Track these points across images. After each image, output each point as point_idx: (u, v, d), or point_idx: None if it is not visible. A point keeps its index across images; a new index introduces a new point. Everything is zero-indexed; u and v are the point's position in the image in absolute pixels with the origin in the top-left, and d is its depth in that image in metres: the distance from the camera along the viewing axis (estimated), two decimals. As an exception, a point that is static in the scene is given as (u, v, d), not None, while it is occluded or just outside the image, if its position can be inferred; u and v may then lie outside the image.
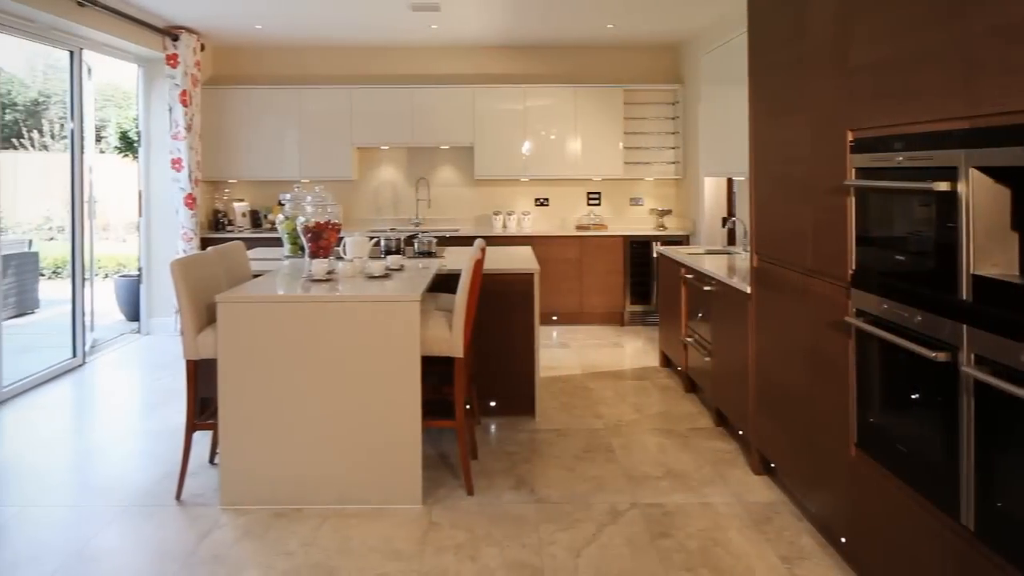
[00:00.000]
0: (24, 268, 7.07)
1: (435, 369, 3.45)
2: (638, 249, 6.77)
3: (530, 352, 4.18)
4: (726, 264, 4.39)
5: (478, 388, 4.09)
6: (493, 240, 6.07)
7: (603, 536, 2.85)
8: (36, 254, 7.42)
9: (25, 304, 7.12)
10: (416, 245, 4.82)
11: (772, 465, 3.35)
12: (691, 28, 6.42)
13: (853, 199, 2.46)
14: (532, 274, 4.19)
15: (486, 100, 7.03)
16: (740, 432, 3.71)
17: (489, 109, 7.02)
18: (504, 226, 7.08)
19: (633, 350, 5.91)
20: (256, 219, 7.06)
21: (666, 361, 5.33)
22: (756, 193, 3.46)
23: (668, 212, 7.09)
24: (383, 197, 7.34)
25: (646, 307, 6.79)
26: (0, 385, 4.54)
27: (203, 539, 2.82)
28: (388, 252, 4.71)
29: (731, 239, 5.66)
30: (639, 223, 7.26)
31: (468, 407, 3.63)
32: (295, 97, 7.01)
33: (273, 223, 6.97)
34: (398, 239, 4.92)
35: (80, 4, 4.93)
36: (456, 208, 7.33)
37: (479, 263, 3.44)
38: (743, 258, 4.59)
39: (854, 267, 2.45)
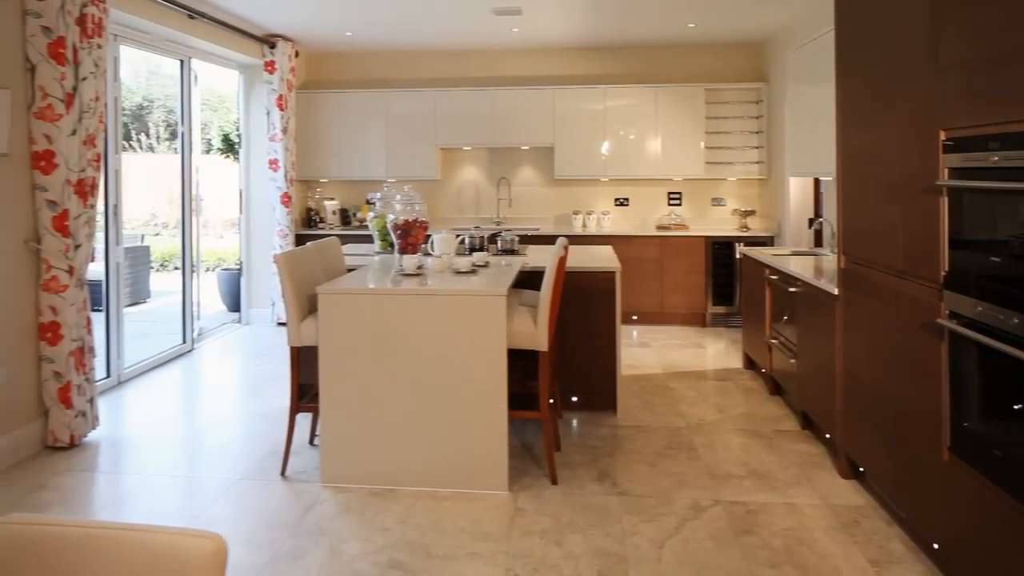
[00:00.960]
0: (138, 261, 7.66)
1: (520, 363, 3.57)
2: (720, 250, 6.70)
3: (611, 349, 4.24)
4: (812, 265, 4.32)
5: (560, 383, 4.18)
6: (573, 239, 6.13)
7: (686, 530, 2.90)
8: (147, 248, 8.02)
9: (139, 294, 7.73)
10: (499, 243, 4.94)
11: (861, 469, 3.30)
12: (776, 25, 6.31)
13: (946, 199, 2.42)
14: (614, 272, 4.25)
15: (566, 101, 7.11)
16: (827, 435, 3.66)
17: (569, 110, 7.10)
18: (584, 225, 7.14)
19: (715, 351, 5.87)
20: (345, 217, 7.38)
21: (749, 363, 5.28)
22: (843, 193, 3.41)
23: (752, 213, 6.99)
24: (465, 196, 7.54)
25: (729, 309, 6.72)
26: (121, 367, 4.97)
27: (307, 512, 3.04)
28: (472, 249, 4.86)
29: (818, 240, 5.55)
30: (721, 224, 7.19)
31: (551, 401, 3.73)
32: (382, 100, 7.29)
33: (361, 221, 7.29)
34: (481, 237, 5.06)
35: (191, 17, 5.31)
36: (536, 208, 7.45)
37: (563, 260, 3.53)
38: (830, 259, 4.50)
39: (947, 268, 2.41)
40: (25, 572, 0.93)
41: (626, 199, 7.35)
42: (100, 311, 4.76)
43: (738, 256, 6.02)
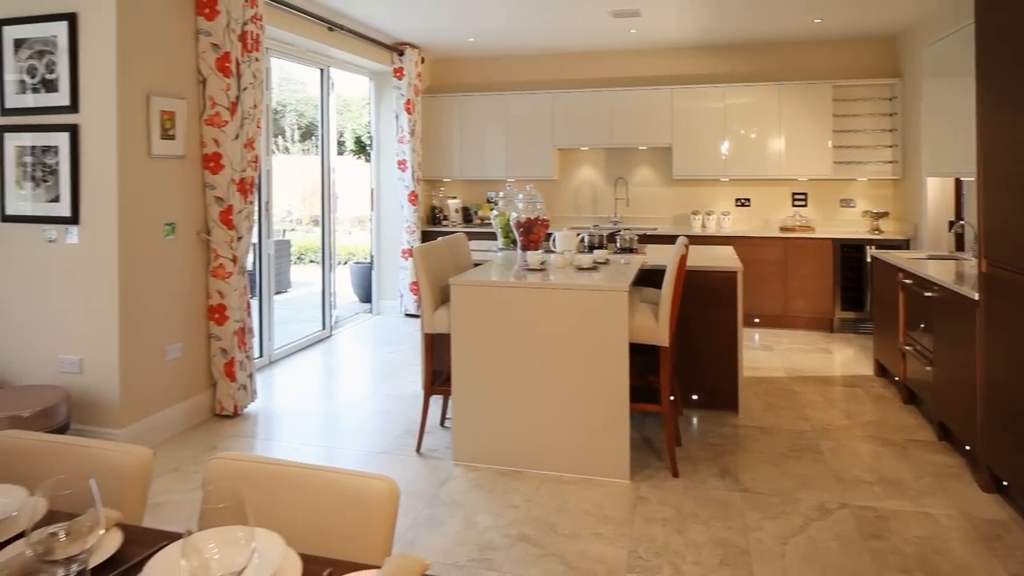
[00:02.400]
0: (281, 254, 8.34)
1: (640, 358, 3.65)
2: (850, 253, 6.44)
3: (733, 349, 4.23)
4: (951, 269, 4.12)
5: (681, 381, 4.22)
6: (692, 239, 6.11)
7: (811, 529, 2.89)
8: (289, 242, 8.70)
9: (282, 284, 8.42)
10: (618, 241, 5.02)
11: (1004, 483, 3.15)
12: (910, 18, 6.00)
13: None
14: (735, 272, 4.23)
15: (685, 100, 7.07)
16: (967, 447, 3.50)
17: (688, 109, 7.06)
18: (703, 226, 7.08)
19: (844, 357, 5.67)
20: (467, 215, 7.69)
21: (881, 370, 5.08)
22: (985, 193, 3.26)
23: (884, 215, 6.67)
24: (583, 196, 7.65)
25: (859, 314, 6.45)
26: (272, 348, 5.47)
27: (441, 486, 3.28)
28: (592, 247, 4.97)
29: (959, 244, 5.25)
30: (850, 226, 6.91)
31: (672, 398, 3.79)
32: (501, 102, 7.53)
33: (483, 219, 7.56)
34: (600, 235, 5.17)
35: (330, 29, 5.74)
36: (654, 207, 7.45)
37: (684, 258, 3.58)
38: (973, 264, 4.27)
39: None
40: (244, 493, 1.17)
41: (747, 199, 7.21)
42: (253, 298, 5.27)
43: (868, 259, 5.78)
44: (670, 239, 4.81)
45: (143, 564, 1.24)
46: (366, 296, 7.54)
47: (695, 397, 4.33)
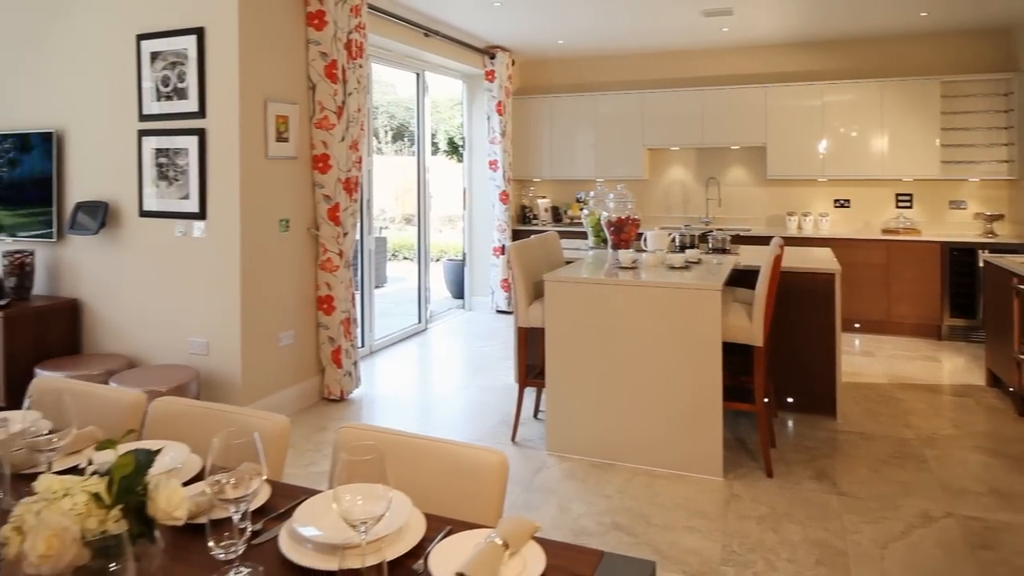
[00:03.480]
0: (378, 250, 8.72)
1: (733, 358, 3.64)
2: (960, 257, 6.11)
3: (831, 353, 4.13)
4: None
5: (775, 383, 4.16)
6: (788, 241, 5.92)
7: (913, 536, 2.81)
8: (385, 239, 9.07)
9: (379, 279, 8.79)
10: (710, 242, 4.99)
11: None
12: (1030, 9, 5.64)
13: None
14: (833, 274, 4.13)
15: (780, 99, 6.90)
16: (1088, 460, 3.30)
17: (783, 108, 6.89)
18: (799, 227, 6.89)
19: (953, 366, 5.40)
20: (557, 214, 7.79)
21: (994, 380, 4.81)
22: None
23: (999, 217, 6.30)
24: (673, 196, 7.60)
25: (970, 321, 6.11)
26: (372, 339, 5.75)
27: (536, 473, 3.39)
28: (683, 247, 4.96)
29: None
30: (961, 228, 6.55)
31: (766, 400, 3.74)
32: (590, 103, 7.58)
33: (572, 218, 7.65)
34: (692, 235, 5.15)
35: (426, 35, 5.97)
36: (747, 208, 7.32)
37: (778, 259, 3.54)
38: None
39: None
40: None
41: (847, 200, 6.97)
42: (356, 291, 5.55)
43: (981, 264, 5.47)
44: (764, 240, 4.72)
45: (291, 511, 1.40)
46: (459, 292, 7.77)
47: (790, 400, 4.25)
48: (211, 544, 1.26)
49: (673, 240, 4.88)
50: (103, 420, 1.79)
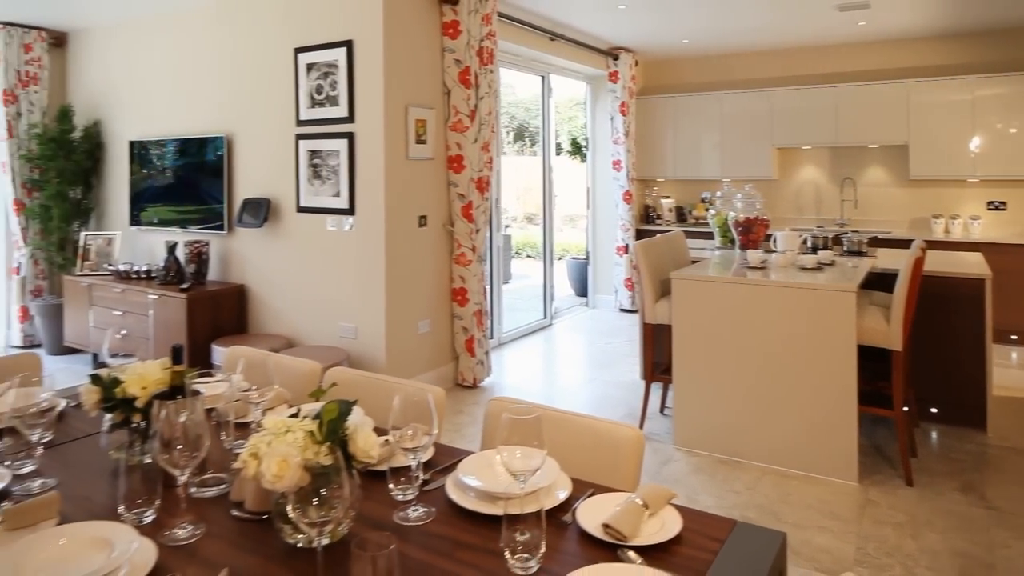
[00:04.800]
0: (505, 247, 9.01)
1: (870, 363, 3.52)
2: None
3: (980, 363, 3.87)
4: None
5: (918, 392, 3.96)
6: (934, 245, 5.62)
7: (1075, 556, 2.63)
8: (509, 236, 9.35)
9: (504, 275, 9.09)
10: (844, 244, 4.82)
11: None
12: None
13: None
14: (983, 280, 3.87)
15: (923, 94, 6.48)
16: None
17: (927, 103, 6.46)
18: (947, 230, 6.45)
19: None
20: (681, 214, 7.73)
21: None
22: None
23: None
24: (805, 197, 7.34)
25: None
26: (501, 331, 6.01)
27: (663, 465, 3.45)
28: (815, 249, 4.81)
29: None
30: None
31: (906, 407, 3.59)
32: (716, 101, 7.45)
33: (697, 218, 7.56)
34: (825, 237, 4.99)
35: (551, 39, 6.11)
36: (886, 209, 6.94)
37: (919, 261, 3.38)
38: None
39: None
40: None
41: (1002, 202, 6.45)
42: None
43: None
44: (905, 244, 4.49)
45: (454, 466, 1.57)
46: (582, 290, 7.88)
47: (934, 410, 4.03)
48: (391, 486, 1.46)
49: (804, 241, 4.76)
50: (286, 384, 2.06)
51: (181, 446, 1.33)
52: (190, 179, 5.16)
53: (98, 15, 5.58)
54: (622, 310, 7.26)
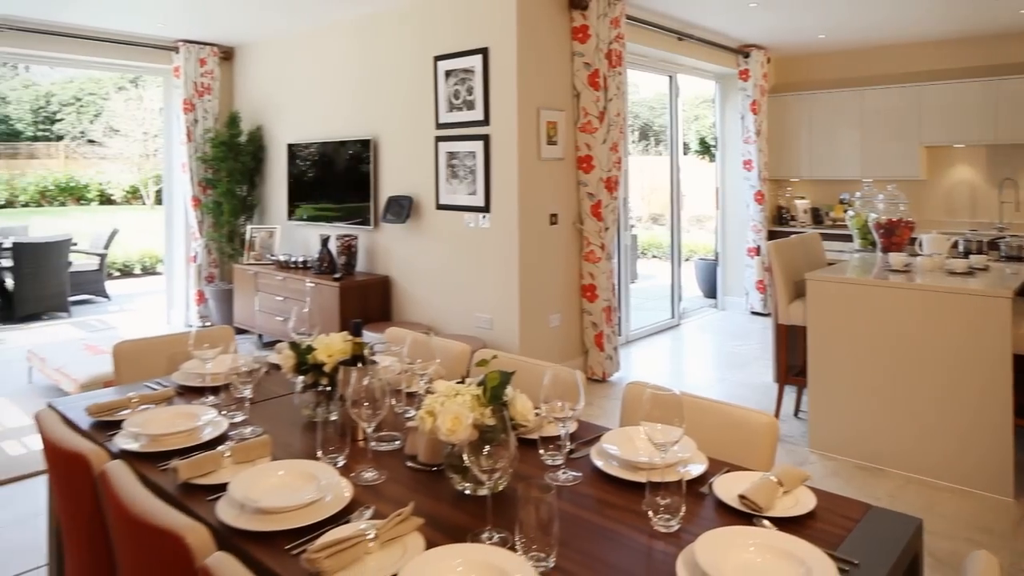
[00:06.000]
0: (632, 246, 9.07)
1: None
2: None
3: None
4: None
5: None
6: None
7: None
8: (635, 236, 9.40)
9: (631, 275, 9.14)
10: (1002, 248, 4.51)
11: None
12: None
13: None
14: None
15: (1107, 83, 5.87)
16: None
17: (1112, 94, 5.85)
18: None
19: None
20: (817, 216, 7.45)
21: None
22: None
23: None
24: (957, 198, 6.85)
25: None
26: (628, 329, 6.08)
27: (798, 467, 3.39)
28: (967, 253, 4.55)
29: None
30: None
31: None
32: (856, 98, 7.09)
33: (834, 220, 7.26)
34: (979, 241, 4.70)
35: (679, 39, 6.08)
36: (1054, 211, 6.36)
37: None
38: None
39: None
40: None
41: None
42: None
43: None
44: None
45: (597, 439, 1.72)
46: (710, 291, 7.77)
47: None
48: (542, 452, 1.62)
49: (955, 245, 4.50)
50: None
51: (366, 403, 1.56)
52: (339, 178, 5.64)
53: (259, 31, 6.20)
54: (753, 313, 7.10)
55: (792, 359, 3.99)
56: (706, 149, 8.85)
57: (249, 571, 1.05)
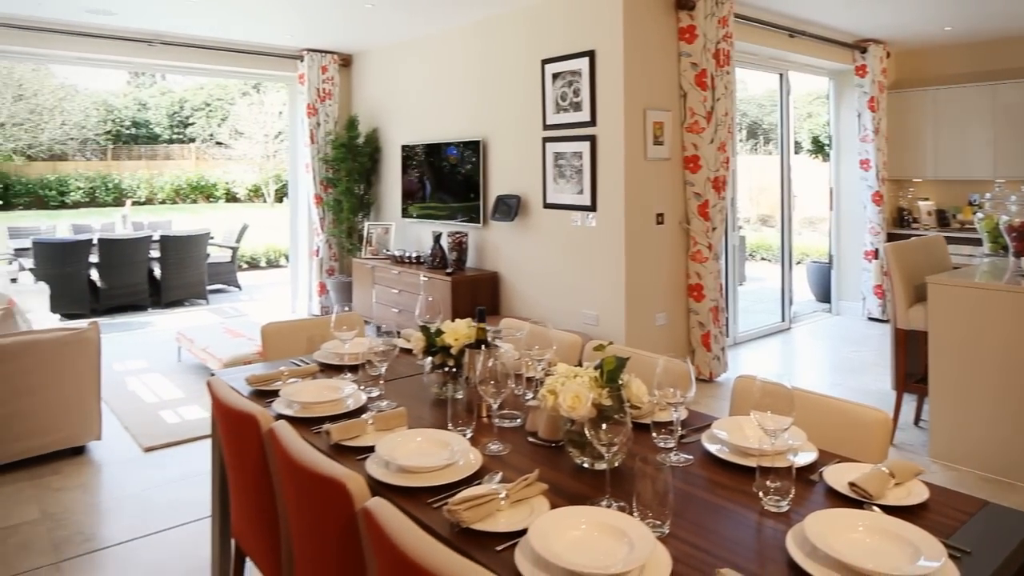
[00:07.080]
0: (740, 248, 8.90)
1: None
2: None
3: None
4: None
5: None
6: None
7: None
8: (744, 238, 9.21)
9: (739, 277, 8.96)
10: None
11: None
12: None
13: None
14: None
15: None
16: None
17: None
18: None
19: None
20: (943, 218, 7.04)
21: None
22: None
23: None
24: (1104, 199, 6.30)
25: None
26: (736, 330, 6.02)
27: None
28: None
29: None
30: None
31: None
32: (987, 93, 6.63)
33: (962, 223, 6.85)
34: None
35: (791, 36, 5.91)
36: None
37: None
38: None
39: None
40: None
41: None
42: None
43: None
44: None
45: (707, 427, 1.80)
46: (823, 295, 7.49)
47: None
48: (654, 435, 1.73)
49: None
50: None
51: (492, 382, 1.72)
52: (450, 178, 5.90)
53: (375, 39, 6.57)
54: (870, 319, 6.80)
55: (912, 366, 3.85)
56: (819, 148, 8.54)
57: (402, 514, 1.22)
